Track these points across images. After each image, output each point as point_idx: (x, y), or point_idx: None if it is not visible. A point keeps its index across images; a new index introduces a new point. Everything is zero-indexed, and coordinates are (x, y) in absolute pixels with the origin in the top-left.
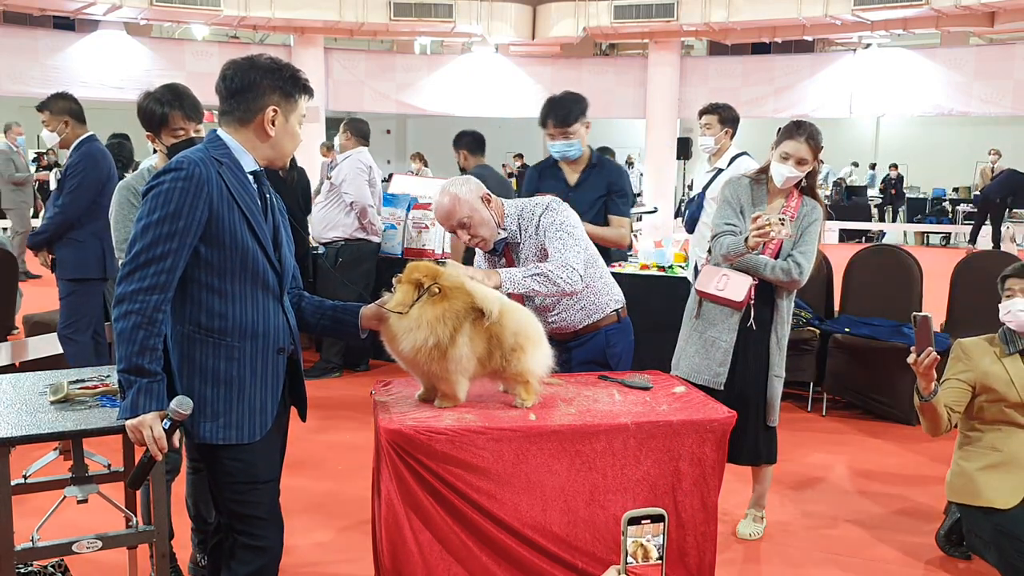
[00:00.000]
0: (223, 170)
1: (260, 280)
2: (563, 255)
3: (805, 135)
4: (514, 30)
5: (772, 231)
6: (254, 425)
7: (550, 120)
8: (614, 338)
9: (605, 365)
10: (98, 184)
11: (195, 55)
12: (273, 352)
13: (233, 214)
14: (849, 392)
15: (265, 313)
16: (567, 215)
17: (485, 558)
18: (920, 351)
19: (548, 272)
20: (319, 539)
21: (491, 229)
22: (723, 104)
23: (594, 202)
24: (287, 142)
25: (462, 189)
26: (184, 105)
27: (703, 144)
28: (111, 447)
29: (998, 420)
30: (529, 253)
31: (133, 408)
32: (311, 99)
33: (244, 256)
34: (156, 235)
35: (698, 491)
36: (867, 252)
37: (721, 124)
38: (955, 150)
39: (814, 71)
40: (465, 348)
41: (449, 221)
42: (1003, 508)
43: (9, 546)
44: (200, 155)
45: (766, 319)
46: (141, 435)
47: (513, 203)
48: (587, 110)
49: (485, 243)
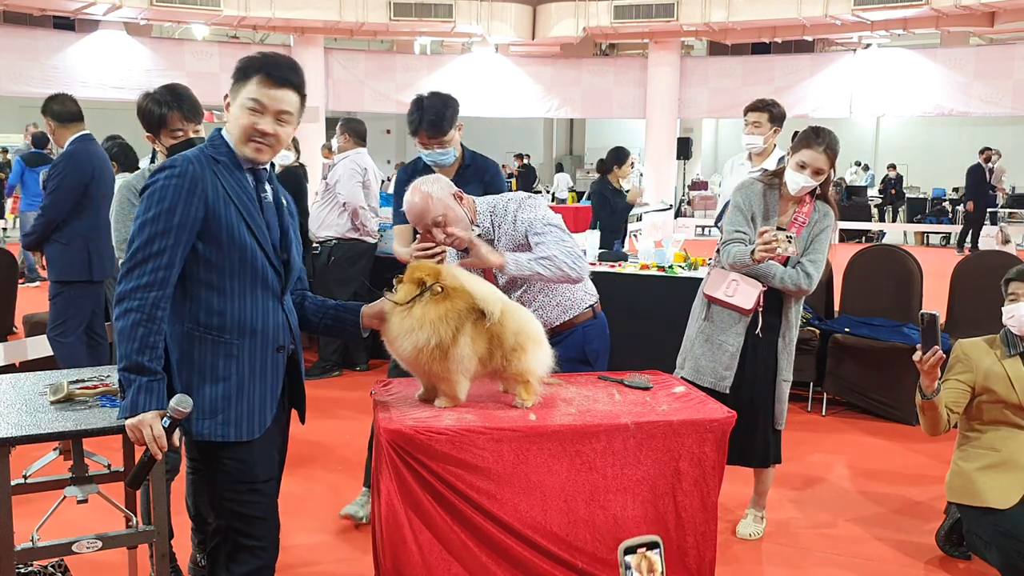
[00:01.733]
0: (219, 168)
1: (259, 278)
2: (563, 244)
3: (824, 145)
4: (514, 30)
5: (779, 248)
6: (252, 423)
7: (423, 130)
8: (591, 334)
9: (584, 362)
10: (79, 186)
11: (195, 55)
12: (272, 350)
13: (230, 211)
14: (849, 392)
15: (264, 311)
16: (545, 209)
17: (485, 558)
18: (926, 349)
19: (554, 256)
20: (319, 539)
21: (466, 226)
22: (772, 100)
23: None
24: (232, 127)
25: (434, 187)
26: (183, 106)
27: (749, 143)
28: (111, 447)
29: (998, 421)
30: (504, 246)
31: (133, 407)
32: (280, 86)
33: (242, 253)
34: (152, 232)
35: (698, 491)
36: (867, 252)
37: (771, 122)
38: (955, 150)
39: (814, 71)
40: (467, 348)
41: (423, 220)
42: (1002, 508)
43: (9, 546)
44: (195, 153)
45: (774, 325)
46: (141, 434)
47: (483, 200)
48: (458, 111)
49: (460, 241)
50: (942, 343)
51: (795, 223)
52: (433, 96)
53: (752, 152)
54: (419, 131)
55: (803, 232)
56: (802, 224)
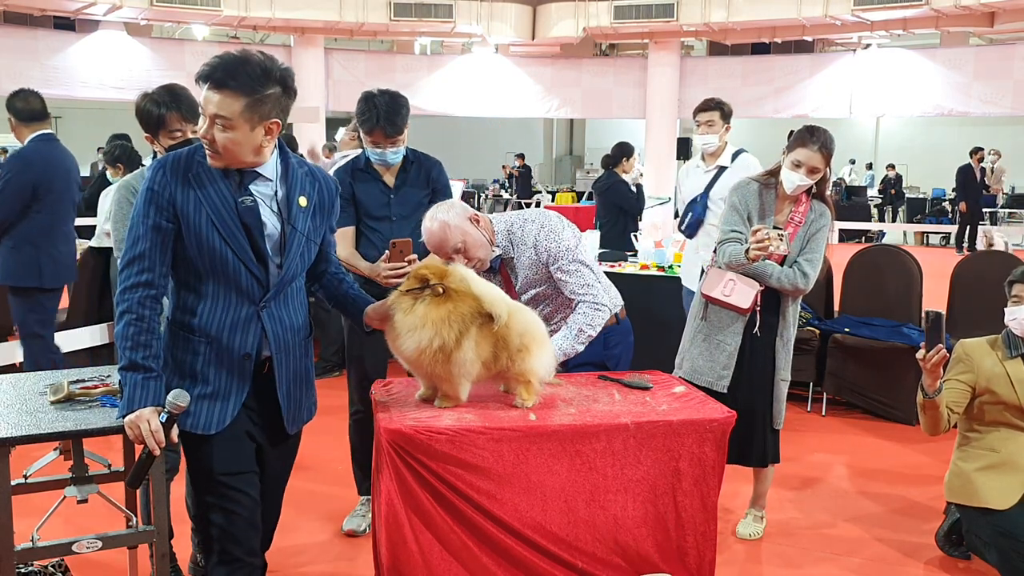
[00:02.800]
0: (200, 171)
1: (232, 283)
2: (587, 290)
3: (819, 144)
4: (514, 30)
5: (771, 246)
6: (211, 416)
7: (378, 131)
8: (612, 339)
9: (602, 366)
10: (27, 188)
11: (195, 55)
12: (239, 357)
13: (200, 216)
14: (849, 392)
15: (234, 318)
16: (569, 236)
17: (485, 558)
18: (930, 348)
19: (586, 326)
20: (319, 539)
21: (486, 249)
22: (719, 99)
23: (418, 204)
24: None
25: (449, 214)
26: (181, 106)
27: (705, 143)
28: (111, 447)
29: (998, 422)
30: (529, 272)
31: (130, 404)
32: (217, 88)
33: (212, 257)
34: (134, 236)
35: (698, 491)
36: (867, 252)
37: (723, 120)
38: (955, 150)
39: (814, 71)
40: (470, 352)
41: (443, 249)
42: (1001, 509)
43: (9, 546)
44: (173, 157)
45: (772, 324)
46: (139, 430)
47: (499, 219)
48: (409, 109)
49: (482, 263)
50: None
51: (791, 222)
52: (385, 94)
53: (706, 152)
54: (374, 130)
55: (800, 231)
56: (798, 223)
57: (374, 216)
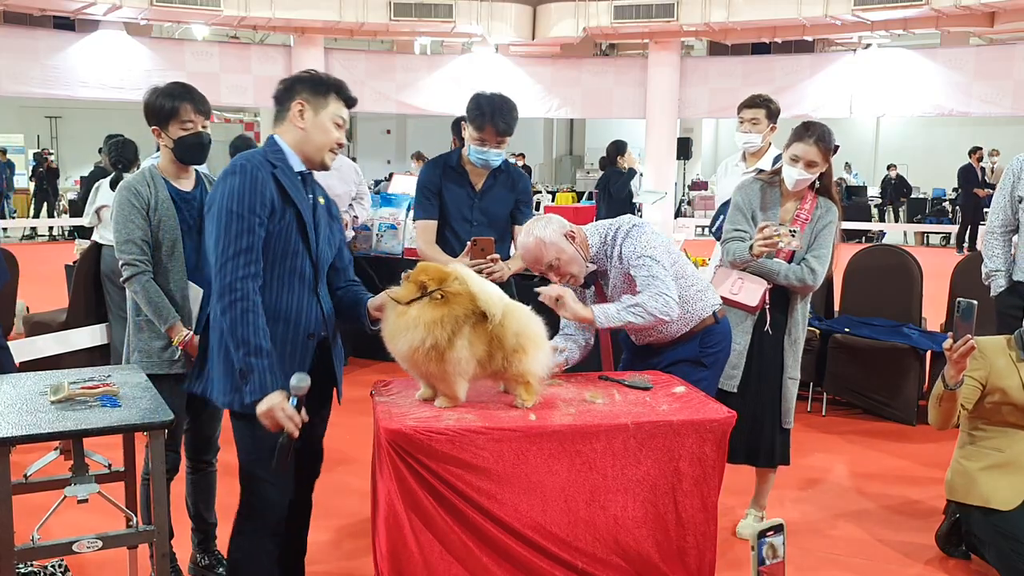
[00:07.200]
0: (278, 172)
1: (297, 271)
2: (653, 284)
3: (814, 137)
4: (514, 30)
5: (781, 243)
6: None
7: (491, 127)
8: (709, 340)
9: (699, 364)
10: None
11: (195, 55)
12: (303, 337)
13: (288, 211)
14: (849, 392)
15: (299, 301)
16: (646, 238)
17: (485, 558)
18: (958, 338)
19: (643, 303)
20: (319, 539)
21: (580, 265)
22: (767, 96)
23: (499, 212)
24: (317, 135)
25: (546, 231)
26: (194, 98)
27: (747, 142)
28: (111, 447)
29: (1005, 422)
30: (616, 281)
31: (262, 387)
32: (350, 107)
33: (286, 248)
34: (239, 228)
35: (698, 491)
36: (867, 252)
37: (768, 119)
38: (955, 150)
39: (814, 71)
40: (464, 351)
41: (539, 265)
42: (1003, 510)
43: (9, 546)
44: (258, 159)
45: (780, 322)
46: (274, 417)
47: (593, 230)
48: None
49: (576, 279)
50: (938, 343)
51: (797, 219)
52: (498, 96)
53: (748, 151)
54: (486, 126)
55: (806, 228)
56: (805, 220)
57: (455, 217)
